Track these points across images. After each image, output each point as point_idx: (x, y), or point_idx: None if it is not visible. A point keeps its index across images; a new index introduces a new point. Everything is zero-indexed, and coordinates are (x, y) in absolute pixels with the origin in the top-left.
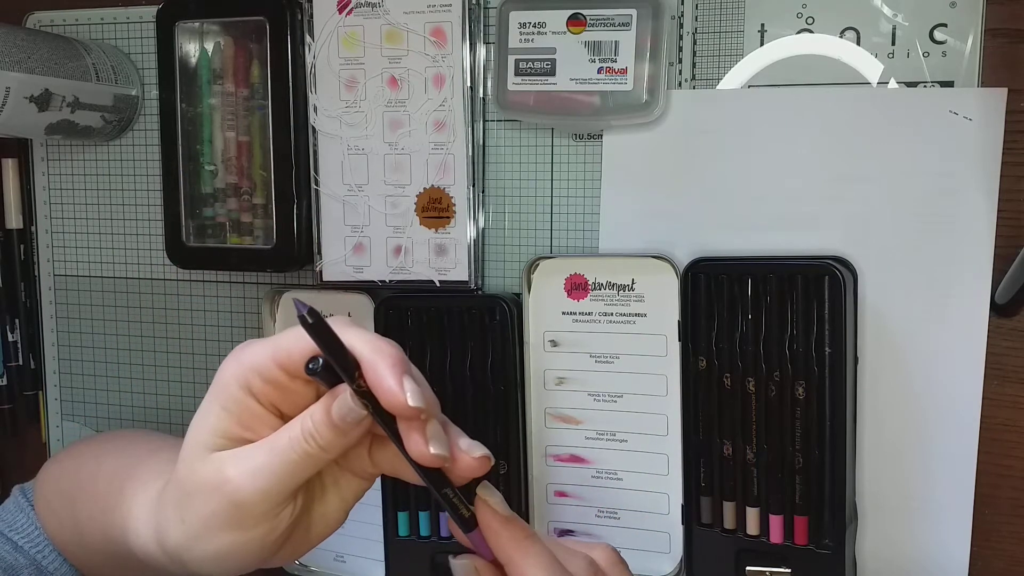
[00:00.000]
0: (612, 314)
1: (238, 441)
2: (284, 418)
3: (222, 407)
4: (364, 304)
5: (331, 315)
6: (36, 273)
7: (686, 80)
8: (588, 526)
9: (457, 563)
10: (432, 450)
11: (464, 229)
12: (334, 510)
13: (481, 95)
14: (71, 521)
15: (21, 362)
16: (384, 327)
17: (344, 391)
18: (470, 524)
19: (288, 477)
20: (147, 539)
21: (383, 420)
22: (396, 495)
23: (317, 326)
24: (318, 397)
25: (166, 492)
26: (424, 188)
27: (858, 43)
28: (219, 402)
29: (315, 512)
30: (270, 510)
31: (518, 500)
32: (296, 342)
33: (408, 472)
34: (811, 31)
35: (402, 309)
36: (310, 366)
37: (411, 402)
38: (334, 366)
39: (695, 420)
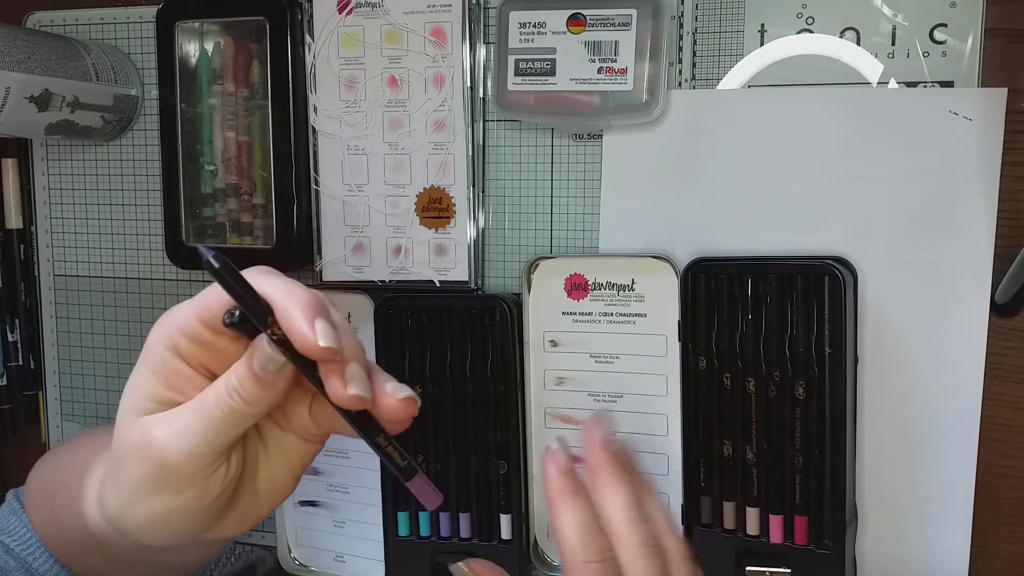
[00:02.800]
0: (612, 314)
1: (168, 404)
2: (214, 379)
3: (150, 370)
4: (364, 304)
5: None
6: (36, 273)
7: (686, 80)
8: None
9: (456, 568)
10: (350, 391)
11: (464, 229)
12: (282, 475)
13: (481, 95)
14: (51, 516)
15: (21, 362)
16: (384, 327)
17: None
18: (408, 473)
19: (215, 435)
20: (95, 514)
21: (303, 366)
22: (396, 495)
23: (224, 271)
24: None
25: (106, 463)
26: (424, 188)
27: (858, 43)
28: (147, 366)
29: (261, 478)
30: (199, 471)
31: (518, 500)
32: (217, 296)
33: (347, 426)
34: (811, 31)
35: (402, 309)
36: (226, 318)
37: (321, 342)
38: (246, 313)
39: (695, 420)
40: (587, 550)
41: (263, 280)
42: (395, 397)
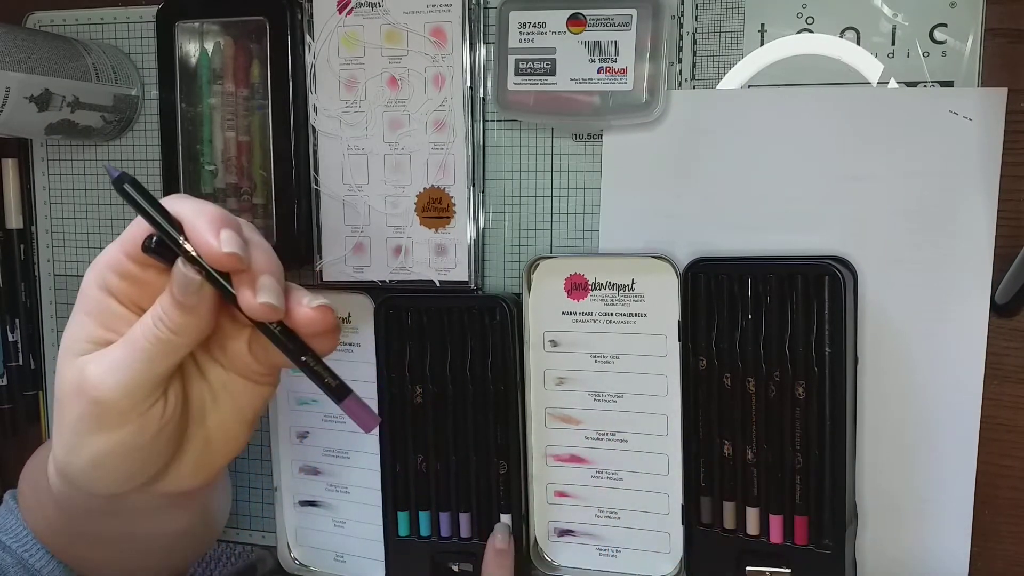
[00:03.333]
0: (612, 314)
1: (104, 344)
2: None
3: (85, 312)
4: (364, 304)
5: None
6: (36, 273)
7: (686, 80)
8: (588, 526)
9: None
10: (259, 298)
11: (464, 229)
12: (231, 421)
13: (481, 95)
14: (39, 509)
15: (21, 362)
16: (384, 327)
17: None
18: (339, 393)
19: (145, 368)
20: (53, 474)
21: (217, 283)
22: (396, 495)
23: (131, 188)
24: None
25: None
26: (424, 188)
27: (858, 43)
28: (82, 309)
29: (212, 423)
30: (134, 406)
31: (518, 500)
32: (140, 229)
33: (285, 358)
34: (811, 31)
35: (402, 309)
36: (145, 243)
37: (225, 248)
38: (156, 231)
39: (695, 420)
40: None
41: (175, 201)
42: (308, 307)
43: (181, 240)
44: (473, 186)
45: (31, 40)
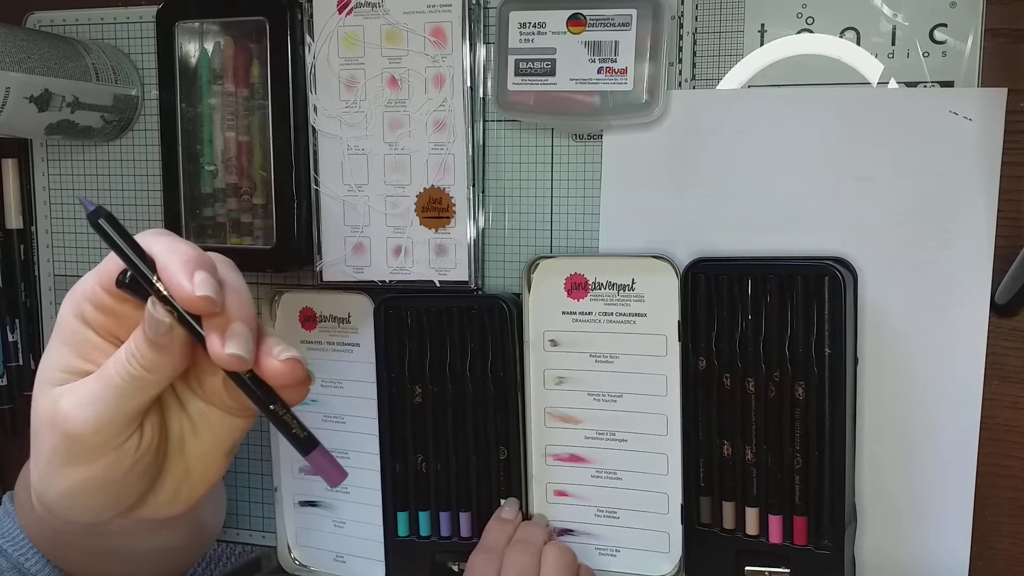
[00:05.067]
0: (612, 314)
1: (80, 374)
2: None
3: (61, 342)
4: (364, 304)
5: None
6: (36, 273)
7: (686, 80)
8: (587, 525)
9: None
10: (227, 349)
11: (464, 229)
12: (210, 450)
13: (481, 95)
14: (32, 514)
15: (21, 362)
16: (384, 327)
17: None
18: (306, 446)
19: (118, 403)
20: (34, 497)
21: (189, 326)
22: (396, 495)
23: (106, 223)
24: None
25: None
26: (424, 188)
27: (858, 43)
28: (59, 337)
29: (191, 453)
30: (107, 440)
31: (519, 500)
32: (115, 262)
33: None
34: (811, 31)
35: (401, 309)
36: (118, 278)
37: (197, 292)
38: (128, 267)
39: (695, 420)
40: None
41: (150, 237)
42: (277, 358)
43: (154, 279)
44: (473, 186)
45: (31, 40)
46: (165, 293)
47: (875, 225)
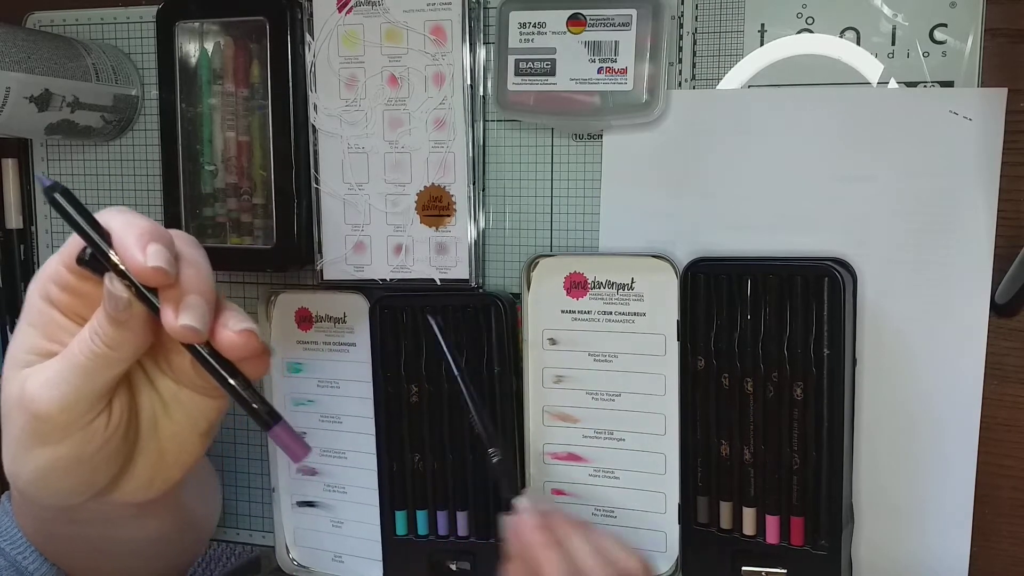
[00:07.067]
0: (611, 313)
1: (47, 356)
2: None
3: (29, 324)
4: (360, 304)
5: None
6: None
7: (686, 80)
8: None
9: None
10: (180, 320)
11: (465, 227)
12: (185, 432)
13: (481, 94)
14: (20, 505)
15: None
16: (379, 326)
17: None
18: (267, 421)
19: (82, 382)
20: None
21: (146, 299)
22: (393, 495)
23: (62, 198)
24: None
25: None
26: (424, 186)
27: (858, 43)
28: (27, 320)
29: (165, 435)
30: (74, 420)
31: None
32: (78, 242)
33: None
34: (811, 31)
35: (398, 308)
36: (79, 256)
37: (149, 262)
38: (85, 242)
39: (693, 420)
40: None
41: (108, 215)
42: (232, 329)
43: (111, 254)
44: (474, 184)
45: (31, 40)
46: (122, 267)
47: (875, 225)
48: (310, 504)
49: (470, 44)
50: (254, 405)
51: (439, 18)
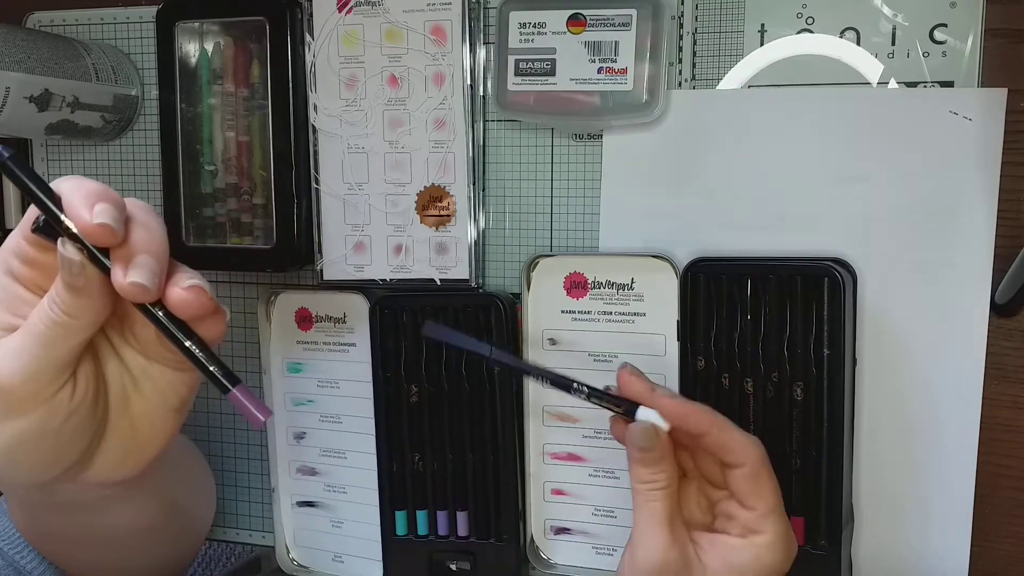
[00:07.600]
0: (611, 313)
1: (11, 330)
2: None
3: None
4: (360, 304)
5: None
6: None
7: (686, 80)
8: (585, 524)
9: (636, 427)
10: (128, 277)
11: (465, 227)
12: (156, 408)
13: (481, 94)
14: (16, 503)
15: None
16: (379, 326)
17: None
18: (224, 385)
19: (44, 352)
20: None
21: (98, 261)
22: (393, 495)
23: (13, 164)
24: None
25: None
26: (425, 186)
27: (858, 43)
28: None
29: (136, 411)
30: (37, 391)
31: (515, 498)
32: (36, 213)
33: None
34: (811, 31)
35: (397, 308)
36: (33, 224)
37: (95, 220)
38: (36, 206)
39: None
40: None
41: (60, 181)
42: (180, 287)
43: (61, 216)
44: (474, 184)
45: (31, 40)
46: (74, 230)
47: (875, 225)
48: (310, 504)
49: (470, 44)
50: (210, 368)
51: (439, 18)
